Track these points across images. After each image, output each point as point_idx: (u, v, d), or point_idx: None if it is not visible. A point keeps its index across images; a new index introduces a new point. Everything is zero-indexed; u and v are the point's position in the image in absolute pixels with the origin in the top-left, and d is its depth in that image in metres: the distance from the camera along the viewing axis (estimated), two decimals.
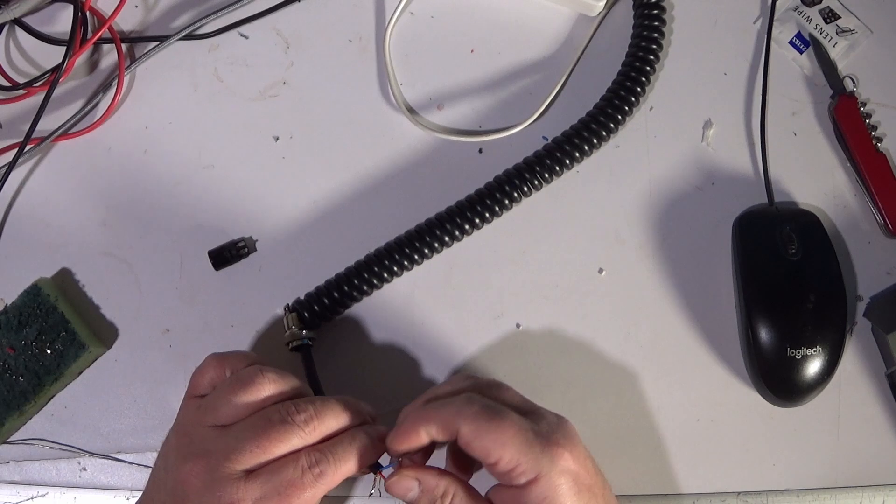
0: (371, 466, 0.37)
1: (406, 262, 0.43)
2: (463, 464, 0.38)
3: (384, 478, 0.37)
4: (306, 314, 0.43)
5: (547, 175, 0.44)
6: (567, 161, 0.44)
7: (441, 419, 0.35)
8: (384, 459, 0.37)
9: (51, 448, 0.44)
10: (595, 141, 0.44)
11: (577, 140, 0.44)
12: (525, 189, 0.44)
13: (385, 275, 0.43)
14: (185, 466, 0.35)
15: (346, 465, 0.36)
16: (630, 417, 0.44)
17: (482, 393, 0.37)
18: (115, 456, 0.44)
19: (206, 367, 0.39)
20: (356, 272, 0.43)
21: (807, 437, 0.44)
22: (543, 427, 0.35)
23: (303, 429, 0.36)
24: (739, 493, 0.44)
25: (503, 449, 0.34)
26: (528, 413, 0.36)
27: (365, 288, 0.43)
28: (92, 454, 0.44)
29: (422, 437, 0.36)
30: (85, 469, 0.44)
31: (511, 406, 0.36)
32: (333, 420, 0.37)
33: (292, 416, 0.36)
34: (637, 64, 0.45)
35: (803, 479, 0.44)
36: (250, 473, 0.35)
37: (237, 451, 0.35)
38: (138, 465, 0.44)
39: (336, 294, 0.43)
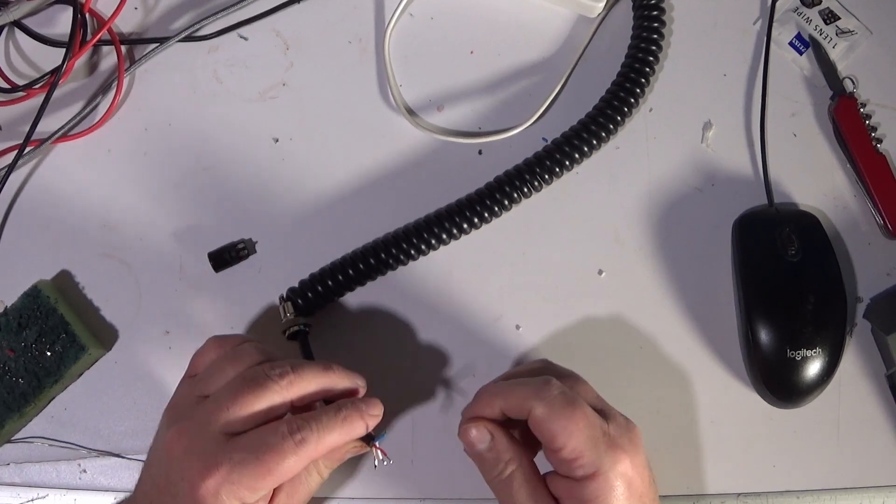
0: (364, 439, 0.37)
1: (402, 256, 0.43)
2: (525, 447, 0.38)
3: (379, 449, 0.37)
4: (300, 301, 0.43)
5: (546, 176, 0.44)
6: (567, 162, 0.44)
7: (518, 395, 0.36)
8: (376, 436, 0.38)
9: (50, 446, 0.44)
10: (594, 142, 0.44)
11: (576, 141, 0.44)
12: (524, 190, 0.44)
13: (380, 265, 0.43)
14: (169, 434, 0.35)
15: (331, 435, 0.35)
16: (630, 418, 0.44)
17: (566, 379, 0.38)
18: (114, 452, 0.44)
19: (207, 349, 0.39)
20: (351, 260, 0.44)
21: (807, 439, 0.44)
22: (612, 428, 0.36)
23: (278, 383, 0.35)
24: (739, 494, 0.44)
25: (570, 437, 0.34)
26: (600, 411, 0.37)
27: (360, 276, 0.43)
28: (91, 449, 0.44)
29: (495, 410, 0.37)
30: (85, 471, 0.44)
31: (586, 400, 0.37)
32: (312, 377, 0.37)
33: (267, 372, 0.36)
34: (636, 65, 0.45)
35: (803, 480, 0.44)
36: (232, 437, 0.35)
37: (216, 411, 0.35)
38: (138, 461, 0.44)
39: (330, 282, 0.43)
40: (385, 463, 0.38)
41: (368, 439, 0.37)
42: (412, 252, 0.44)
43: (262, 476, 0.34)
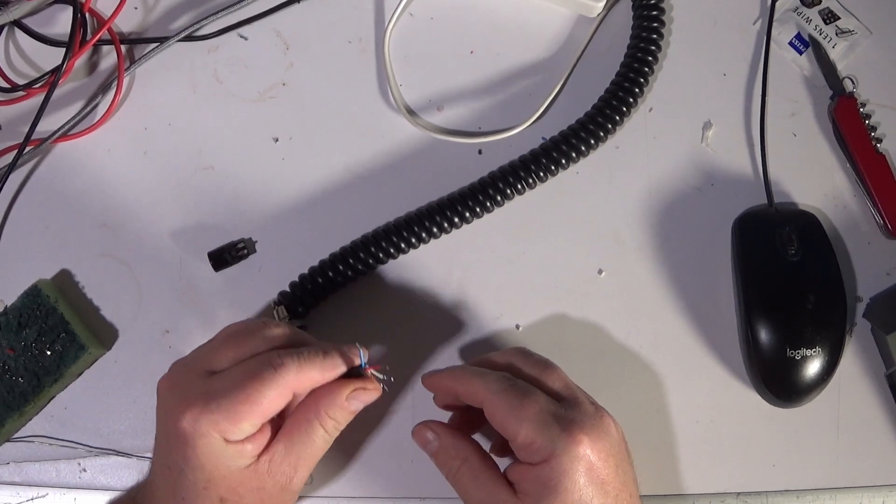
0: (353, 373, 0.37)
1: (392, 249, 0.43)
2: (500, 439, 0.39)
3: (372, 370, 0.37)
4: (293, 304, 0.43)
5: (542, 174, 0.44)
6: (563, 161, 0.44)
7: (470, 388, 0.37)
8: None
9: (50, 445, 0.44)
10: (592, 141, 0.44)
11: (573, 140, 0.44)
12: (518, 186, 0.44)
13: (369, 260, 0.43)
14: (161, 381, 0.36)
15: (312, 367, 0.35)
16: (630, 418, 0.44)
17: (527, 369, 0.38)
18: (114, 451, 0.44)
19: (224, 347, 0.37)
20: (340, 256, 0.43)
21: (806, 438, 0.44)
22: (572, 413, 0.36)
23: (277, 378, 0.35)
24: (739, 493, 0.44)
25: (520, 426, 0.35)
26: (566, 399, 0.37)
27: (349, 272, 0.43)
28: (91, 448, 0.44)
29: (448, 393, 0.39)
30: (85, 470, 0.44)
31: (551, 388, 0.37)
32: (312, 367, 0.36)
33: (272, 361, 0.35)
34: (635, 65, 0.45)
35: (803, 479, 0.44)
36: (215, 373, 0.35)
37: (202, 356, 0.36)
38: (139, 459, 0.44)
39: (320, 279, 0.43)
40: (391, 380, 0.38)
41: (357, 373, 0.37)
42: (402, 245, 0.43)
43: (241, 403, 0.33)
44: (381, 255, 0.43)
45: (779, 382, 0.42)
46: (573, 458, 0.34)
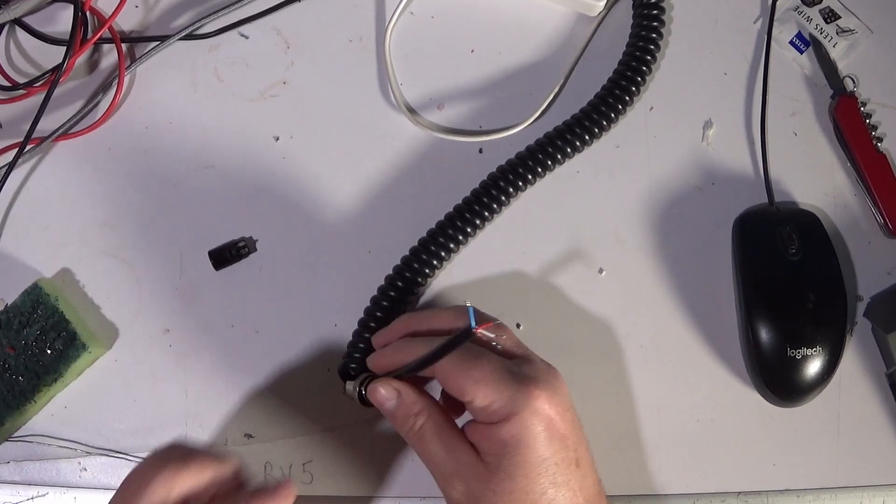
0: (460, 337, 0.34)
1: (414, 286, 0.43)
2: (455, 405, 0.38)
3: (482, 331, 0.35)
4: (352, 372, 0.42)
5: (540, 169, 0.44)
6: (559, 156, 0.44)
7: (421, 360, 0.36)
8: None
9: (50, 444, 0.44)
10: (587, 137, 0.44)
11: (568, 135, 0.44)
12: (520, 184, 0.44)
13: (401, 303, 0.43)
14: None
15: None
16: (630, 417, 0.44)
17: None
18: (114, 450, 0.44)
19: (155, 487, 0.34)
20: (376, 308, 0.43)
21: (807, 437, 0.44)
22: (526, 369, 0.36)
23: None
24: (739, 493, 0.44)
25: (476, 387, 0.34)
26: (518, 356, 0.37)
27: (388, 318, 0.43)
28: (91, 447, 0.44)
29: (399, 363, 0.37)
30: (85, 469, 0.44)
31: (502, 348, 0.37)
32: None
33: None
34: (633, 63, 0.45)
35: (803, 478, 0.44)
36: None
37: None
38: (139, 459, 0.44)
39: (367, 335, 0.42)
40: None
41: (467, 336, 0.33)
42: (428, 273, 0.43)
43: None
44: (410, 293, 0.44)
45: (779, 382, 0.42)
46: (532, 413, 0.34)
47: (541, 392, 0.34)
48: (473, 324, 0.35)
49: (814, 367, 0.42)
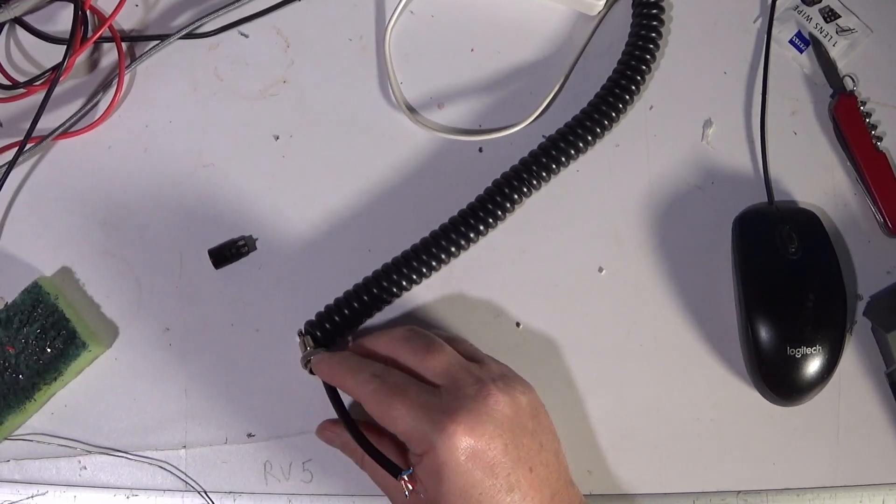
0: (391, 470, 0.37)
1: (415, 276, 0.43)
2: None
3: (406, 481, 0.36)
4: (319, 334, 0.43)
5: (545, 174, 0.44)
6: (563, 159, 0.44)
7: (345, 386, 0.39)
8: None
9: (50, 443, 0.44)
10: (590, 139, 0.44)
11: (571, 137, 0.44)
12: (525, 190, 0.44)
13: (395, 289, 0.43)
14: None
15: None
16: (630, 416, 0.44)
17: (404, 357, 0.38)
18: (114, 449, 0.44)
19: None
20: (365, 288, 0.43)
21: (806, 436, 0.44)
22: (448, 401, 0.36)
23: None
24: (739, 492, 0.44)
25: (395, 424, 0.36)
26: (443, 386, 0.37)
27: (375, 303, 0.43)
28: (91, 445, 0.44)
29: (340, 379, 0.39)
30: (85, 468, 0.44)
31: (429, 375, 0.37)
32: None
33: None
34: (633, 63, 0.45)
35: (803, 477, 0.44)
36: None
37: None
38: (139, 458, 0.44)
39: (346, 311, 0.43)
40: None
41: (396, 472, 0.37)
42: (424, 271, 0.43)
43: None
44: (406, 281, 0.43)
45: (779, 381, 0.42)
46: (449, 448, 0.35)
47: (457, 426, 0.35)
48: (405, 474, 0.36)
49: (813, 366, 0.42)
